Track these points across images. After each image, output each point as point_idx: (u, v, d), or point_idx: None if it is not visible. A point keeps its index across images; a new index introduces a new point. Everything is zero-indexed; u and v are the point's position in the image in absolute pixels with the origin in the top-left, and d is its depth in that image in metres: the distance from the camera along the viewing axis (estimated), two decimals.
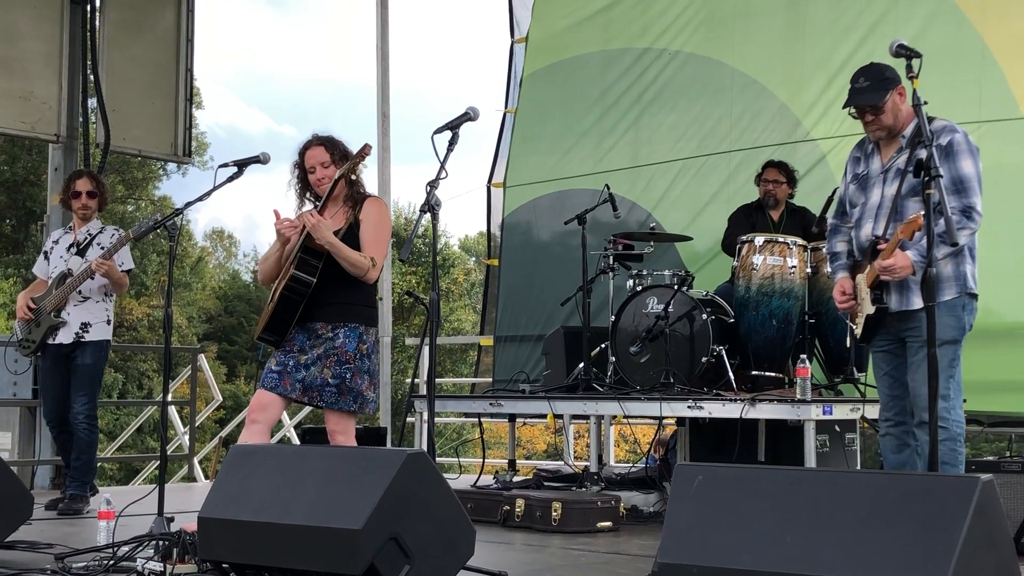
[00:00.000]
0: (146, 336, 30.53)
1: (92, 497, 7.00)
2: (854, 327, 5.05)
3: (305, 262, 5.18)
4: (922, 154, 4.41)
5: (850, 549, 3.10)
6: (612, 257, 7.63)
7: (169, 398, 6.36)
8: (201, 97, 32.75)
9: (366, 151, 5.30)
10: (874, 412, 6.40)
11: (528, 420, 10.61)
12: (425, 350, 5.63)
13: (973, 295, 4.90)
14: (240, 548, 4.12)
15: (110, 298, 7.05)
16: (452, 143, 4.79)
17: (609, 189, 7.84)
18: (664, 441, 8.39)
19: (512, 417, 8.38)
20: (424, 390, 6.37)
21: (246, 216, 59.58)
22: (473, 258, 35.59)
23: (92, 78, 9.59)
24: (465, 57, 67.17)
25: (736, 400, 6.40)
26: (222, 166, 5.54)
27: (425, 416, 5.99)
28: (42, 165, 23.48)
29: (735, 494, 3.39)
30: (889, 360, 4.97)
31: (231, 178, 5.55)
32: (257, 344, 5.54)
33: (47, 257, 7.14)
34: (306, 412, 11.93)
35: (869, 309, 4.87)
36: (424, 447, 5.45)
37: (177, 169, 31.47)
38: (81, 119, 9.64)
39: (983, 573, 3.07)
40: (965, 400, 4.99)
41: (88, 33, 9.65)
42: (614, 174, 9.07)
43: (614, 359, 7.38)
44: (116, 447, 16.20)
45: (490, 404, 7.66)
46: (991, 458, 6.80)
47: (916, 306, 4.74)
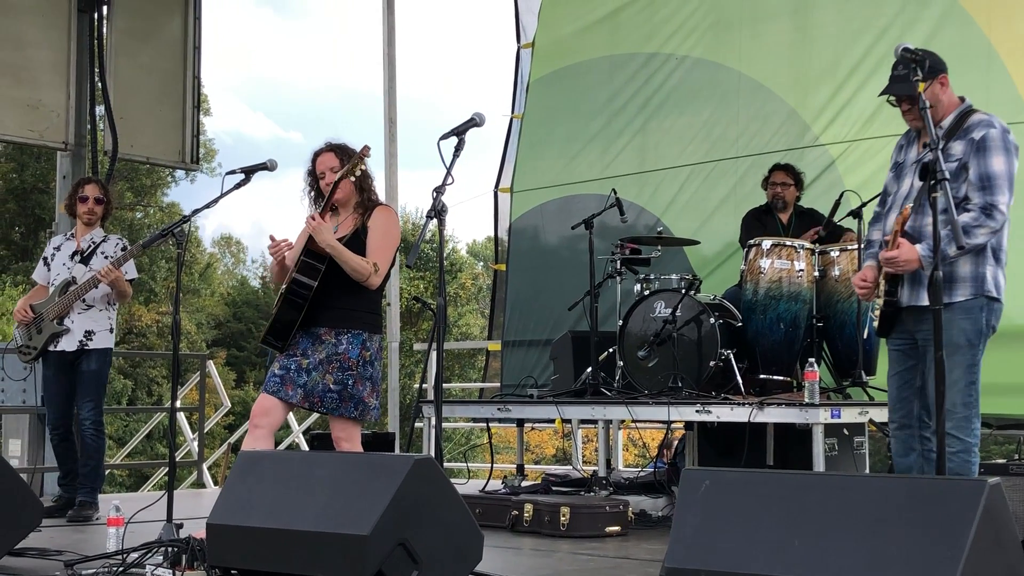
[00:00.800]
0: (155, 342, 30.59)
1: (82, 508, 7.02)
2: (874, 318, 4.97)
3: (308, 266, 5.18)
4: (930, 156, 4.35)
5: (858, 553, 3.09)
6: (620, 261, 7.63)
7: (178, 404, 6.38)
8: (209, 104, 32.85)
9: (365, 152, 5.30)
10: (882, 415, 6.40)
11: (536, 425, 10.59)
12: (433, 355, 5.62)
13: (993, 298, 4.74)
14: (249, 554, 4.12)
15: (113, 307, 7.06)
16: (458, 149, 4.78)
17: (616, 194, 7.84)
18: (668, 446, 8.40)
19: (520, 422, 8.38)
20: (432, 395, 6.37)
21: (254, 222, 59.64)
22: (481, 263, 35.60)
23: (100, 86, 9.61)
24: (471, 63, 67.29)
25: (744, 404, 6.39)
26: (229, 173, 5.54)
27: (433, 421, 5.99)
28: (50, 173, 23.54)
29: (743, 498, 3.39)
30: (901, 360, 4.86)
31: (239, 185, 5.55)
32: (264, 349, 5.55)
33: (47, 264, 7.13)
34: (315, 418, 11.93)
35: (881, 302, 4.82)
36: (432, 452, 5.45)
37: (185, 176, 31.58)
38: (89, 127, 9.65)
39: None
40: None
41: (96, 41, 9.67)
42: (621, 179, 9.07)
43: (622, 363, 7.37)
44: (125, 453, 16.22)
45: (498, 409, 7.66)
46: (1000, 461, 6.78)
47: (926, 302, 4.57)
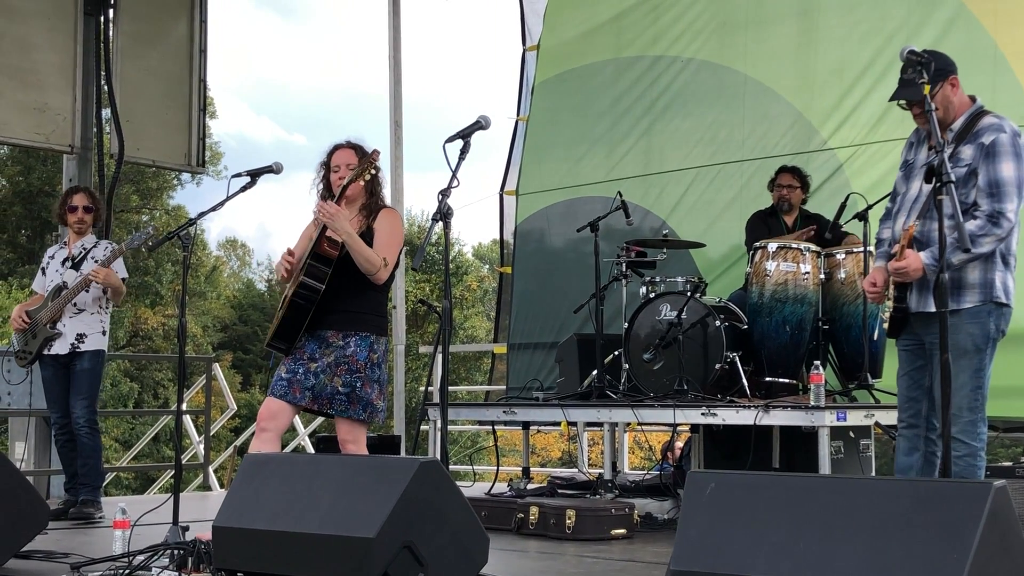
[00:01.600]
0: (161, 345, 30.62)
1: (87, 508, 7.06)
2: (883, 320, 4.96)
3: (314, 268, 5.19)
4: (936, 159, 4.35)
5: (863, 556, 3.09)
6: (625, 264, 7.63)
7: (184, 407, 6.39)
8: (215, 107, 32.89)
9: (373, 157, 5.31)
10: (888, 418, 6.40)
11: (542, 428, 10.62)
12: (438, 358, 5.64)
13: (1001, 303, 4.72)
14: (254, 557, 4.13)
15: (105, 310, 7.17)
16: (464, 151, 4.79)
17: (621, 196, 7.84)
18: (671, 448, 8.40)
19: (526, 425, 8.38)
20: (438, 398, 6.37)
21: (259, 225, 59.75)
22: (486, 266, 35.61)
23: (106, 89, 9.63)
24: (477, 65, 67.29)
25: (750, 407, 6.39)
26: (235, 176, 5.56)
27: (439, 424, 5.99)
28: (57, 176, 23.55)
29: (748, 501, 3.39)
30: (911, 360, 4.85)
31: (244, 188, 5.56)
32: (268, 352, 5.55)
33: (44, 272, 7.28)
34: (321, 421, 11.93)
35: (891, 307, 4.82)
36: (438, 455, 5.45)
37: (191, 179, 31.61)
38: (95, 130, 9.67)
39: None
40: None
41: (102, 44, 9.69)
42: (627, 182, 9.06)
43: (627, 366, 7.37)
44: (131, 456, 16.24)
45: (504, 412, 7.67)
46: (1007, 463, 6.77)
47: (933, 308, 4.53)
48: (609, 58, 9.67)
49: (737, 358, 6.92)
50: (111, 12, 9.72)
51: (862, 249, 6.90)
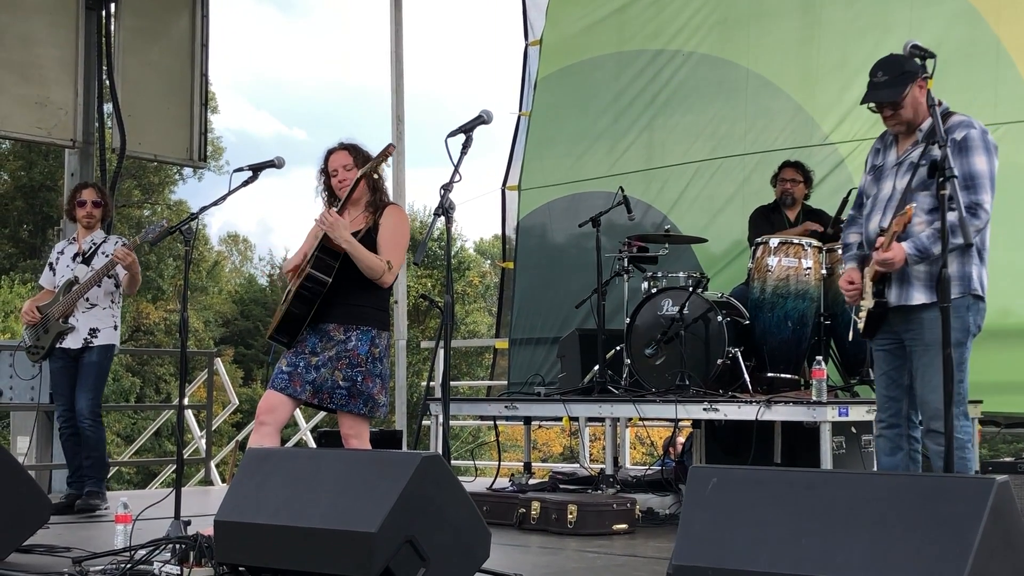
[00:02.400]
0: (163, 340, 30.62)
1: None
2: (858, 320, 5.00)
3: (322, 261, 5.18)
4: (936, 154, 4.36)
5: (866, 551, 3.09)
6: (627, 259, 7.63)
7: (186, 402, 6.41)
8: (216, 102, 32.87)
9: (389, 151, 5.32)
10: None
11: (544, 423, 10.61)
12: (440, 353, 5.63)
13: (979, 297, 4.77)
14: (256, 551, 4.13)
15: (117, 305, 7.22)
16: (466, 146, 4.78)
17: (623, 191, 7.84)
18: (673, 444, 8.39)
19: (527, 420, 8.38)
20: (439, 393, 6.37)
21: (260, 220, 59.72)
22: (488, 261, 35.61)
23: (108, 83, 9.62)
24: (479, 60, 67.23)
25: (752, 402, 6.39)
26: (237, 170, 5.55)
27: (440, 419, 5.99)
28: (59, 171, 23.57)
29: (750, 496, 3.39)
30: (888, 360, 4.89)
31: (246, 182, 5.56)
32: (269, 345, 5.55)
33: (52, 269, 7.29)
34: (322, 415, 11.93)
35: (870, 303, 4.83)
36: (439, 450, 5.45)
37: (193, 174, 31.58)
38: (97, 124, 9.66)
39: (999, 574, 3.06)
40: (981, 401, 4.96)
41: (104, 39, 9.68)
42: (629, 176, 9.06)
43: (629, 361, 7.37)
44: (133, 451, 16.24)
45: (505, 407, 7.66)
46: (1008, 459, 6.77)
47: (916, 301, 4.68)
48: (611, 52, 9.67)
49: (739, 353, 6.91)
50: (113, 7, 9.71)
51: None
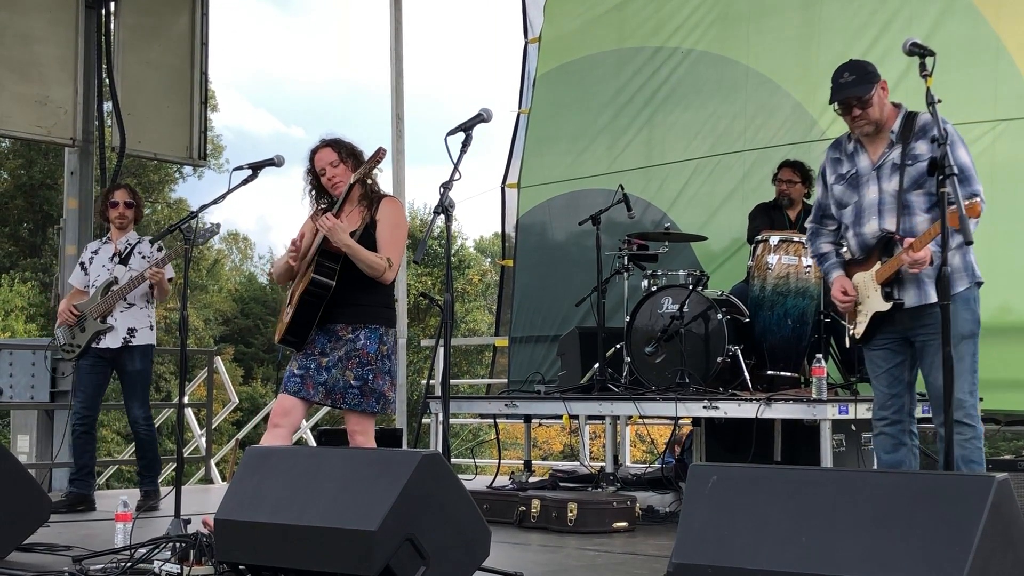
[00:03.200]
0: (163, 338, 30.54)
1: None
2: (851, 327, 4.99)
3: (323, 266, 5.19)
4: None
5: (866, 549, 3.09)
6: (627, 257, 7.62)
7: (186, 400, 6.41)
8: (216, 100, 32.86)
9: (380, 155, 5.32)
10: None
11: (544, 421, 10.61)
12: (440, 351, 5.63)
13: (980, 283, 4.83)
14: (256, 550, 4.13)
15: (151, 305, 7.31)
16: (466, 145, 4.78)
17: (623, 189, 7.83)
18: (679, 441, 8.38)
19: (528, 418, 8.38)
20: (439, 391, 6.37)
21: (259, 218, 59.71)
22: (488, 259, 35.59)
23: (107, 82, 9.63)
24: (479, 58, 67.20)
25: (752, 400, 6.39)
26: (236, 169, 5.56)
27: (440, 417, 5.99)
28: (58, 169, 23.54)
29: (750, 494, 3.38)
30: (889, 357, 4.89)
31: (246, 181, 5.56)
32: (276, 346, 5.55)
33: (85, 268, 7.35)
34: (322, 414, 11.94)
35: (880, 306, 4.81)
36: (440, 448, 5.45)
37: (193, 172, 31.57)
38: (97, 123, 9.67)
39: (999, 572, 3.06)
40: (982, 399, 4.96)
41: (103, 37, 9.68)
42: (628, 174, 9.06)
43: (629, 359, 7.37)
44: (133, 449, 16.23)
45: (505, 405, 7.66)
46: (1008, 457, 6.77)
47: (934, 300, 4.64)
48: (610, 49, 9.66)
49: (739, 351, 6.91)
50: (112, 5, 9.72)
51: None
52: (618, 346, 7.57)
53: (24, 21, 9.23)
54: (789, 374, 7.02)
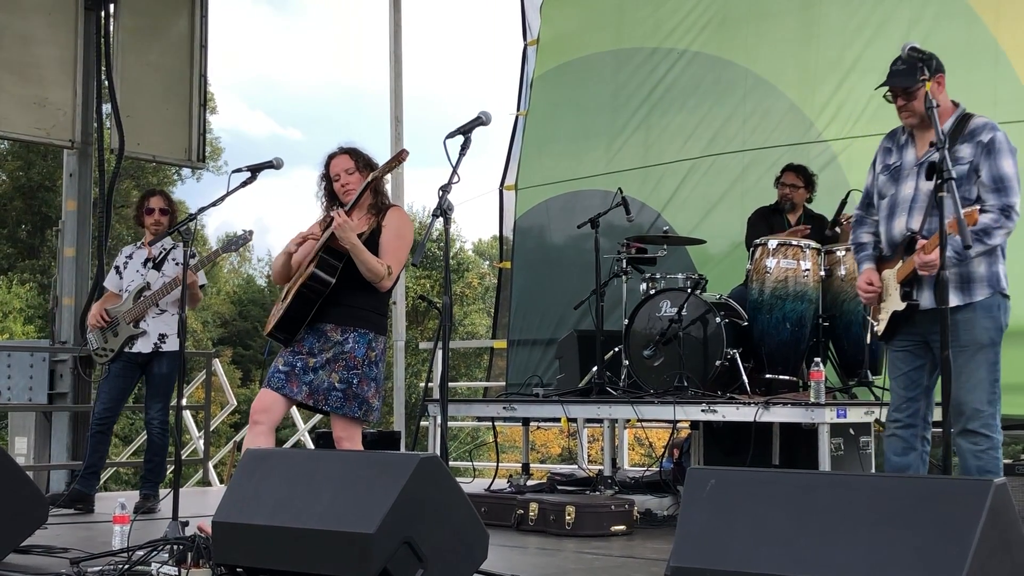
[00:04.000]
0: None
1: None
2: (875, 323, 4.98)
3: (325, 262, 5.19)
4: (935, 156, 4.38)
5: (863, 553, 3.09)
6: (625, 260, 7.62)
7: (184, 402, 6.42)
8: (215, 102, 32.86)
9: (402, 157, 5.36)
10: None
11: (542, 424, 10.61)
12: (439, 354, 5.63)
13: (1006, 295, 4.80)
14: (254, 552, 4.13)
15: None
16: (464, 147, 4.78)
17: (622, 192, 7.83)
18: (678, 444, 8.38)
19: (526, 421, 8.38)
20: (438, 394, 6.37)
21: (257, 219, 59.66)
22: (487, 262, 35.59)
23: (107, 84, 9.63)
24: (478, 61, 67.25)
25: (750, 403, 6.39)
26: (236, 171, 5.57)
27: (439, 420, 5.99)
28: (57, 171, 23.53)
29: (748, 498, 3.38)
30: (909, 360, 4.87)
31: (245, 183, 5.58)
32: (267, 345, 5.55)
33: (119, 272, 7.38)
34: (321, 416, 11.93)
35: (898, 305, 4.80)
36: (438, 451, 5.45)
37: (192, 174, 31.58)
38: (96, 125, 9.67)
39: None
40: None
41: (103, 39, 9.68)
42: (625, 174, 9.07)
43: (627, 362, 7.37)
44: (132, 451, 16.23)
45: (504, 408, 7.66)
46: (1006, 461, 6.76)
47: (951, 303, 4.62)
48: (608, 50, 9.67)
49: (737, 355, 6.91)
50: (112, 7, 9.72)
51: None
52: (616, 349, 7.57)
53: (23, 23, 9.23)
54: (787, 378, 7.02)
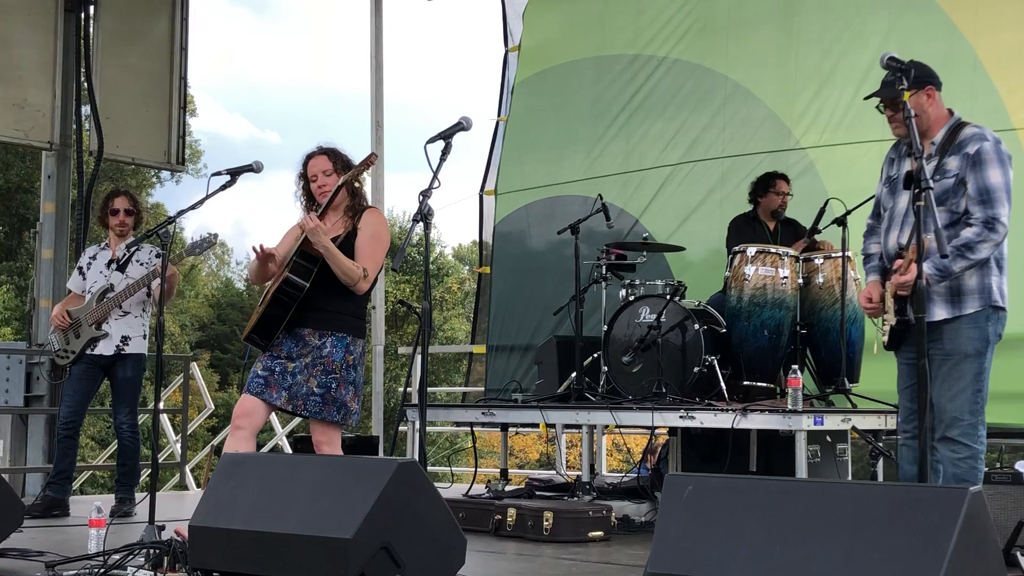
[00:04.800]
0: None
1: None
2: (881, 334, 5.00)
3: (300, 266, 5.18)
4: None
5: (840, 560, 3.10)
6: (605, 267, 7.63)
7: (161, 406, 6.39)
8: (195, 105, 32.76)
9: (371, 160, 5.34)
10: (865, 423, 6.43)
11: (520, 429, 10.60)
12: (418, 359, 5.62)
13: (998, 307, 4.80)
14: (231, 557, 4.11)
15: (147, 314, 7.30)
16: (445, 152, 4.78)
17: (602, 199, 7.84)
18: (654, 451, 8.39)
19: (504, 426, 8.38)
20: (416, 399, 6.36)
21: (235, 223, 59.52)
22: (467, 267, 35.58)
23: (86, 86, 9.60)
24: (459, 67, 67.21)
25: (728, 410, 6.40)
26: (215, 174, 5.54)
27: (417, 425, 5.98)
28: (35, 172, 23.44)
29: (725, 504, 3.39)
30: (912, 373, 4.83)
31: (224, 186, 5.54)
32: (245, 349, 5.54)
33: (82, 273, 7.32)
34: (299, 420, 11.90)
35: (893, 320, 4.84)
36: (416, 456, 5.44)
37: (171, 177, 31.43)
38: (75, 127, 9.64)
39: None
40: None
41: (82, 41, 9.65)
42: (605, 180, 9.09)
43: (606, 369, 7.37)
44: (108, 454, 16.14)
45: (483, 413, 7.66)
46: (984, 469, 6.79)
47: (937, 317, 4.72)
48: (588, 57, 9.69)
49: (715, 362, 6.93)
50: (92, 9, 9.69)
51: (840, 254, 6.93)
52: (595, 355, 7.57)
53: (3, 25, 9.20)
54: (765, 385, 7.04)
